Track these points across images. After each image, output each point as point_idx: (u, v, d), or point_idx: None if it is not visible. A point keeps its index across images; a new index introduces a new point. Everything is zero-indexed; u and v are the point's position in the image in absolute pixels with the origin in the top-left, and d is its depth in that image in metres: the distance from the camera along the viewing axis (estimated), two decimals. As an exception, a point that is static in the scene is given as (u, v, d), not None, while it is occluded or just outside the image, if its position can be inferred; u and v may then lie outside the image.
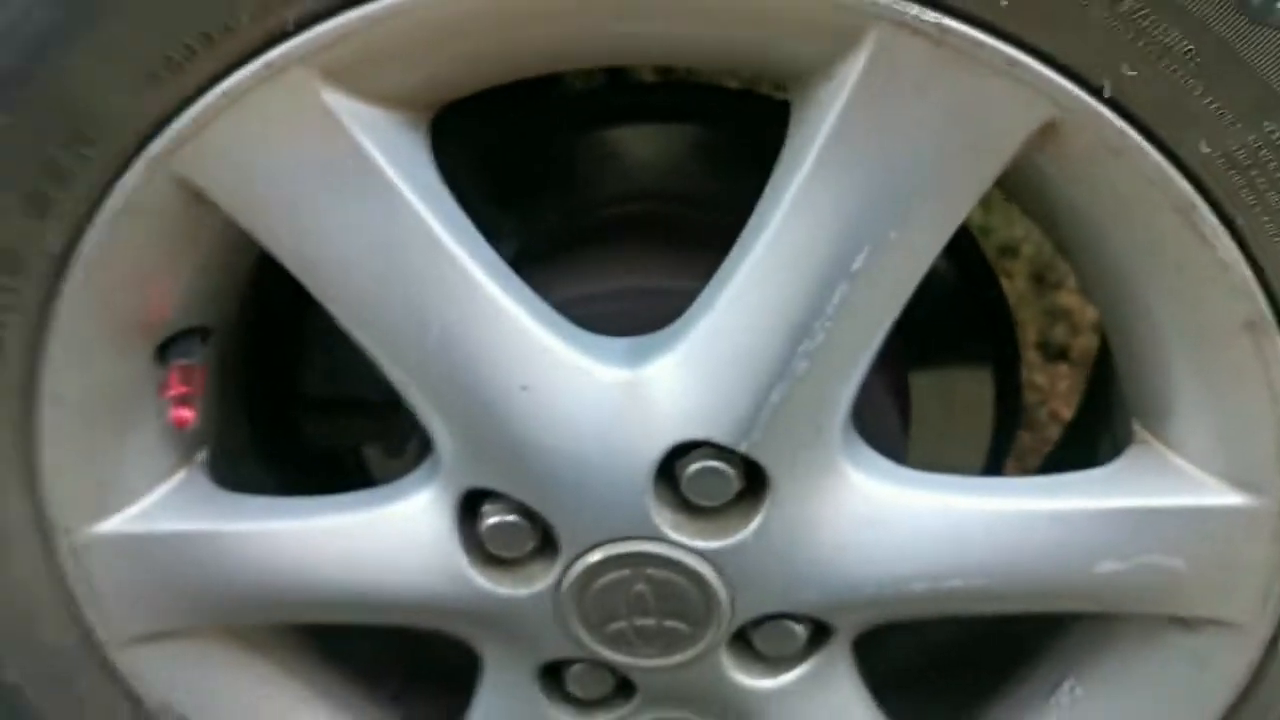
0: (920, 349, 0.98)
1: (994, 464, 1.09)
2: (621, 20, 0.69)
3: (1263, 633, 0.84)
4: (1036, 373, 2.08)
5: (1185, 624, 0.87)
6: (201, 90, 0.70)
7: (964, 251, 1.01)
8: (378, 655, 1.12)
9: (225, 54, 0.68)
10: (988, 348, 1.03)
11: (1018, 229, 2.06)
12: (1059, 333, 2.08)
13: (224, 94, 0.70)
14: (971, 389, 1.03)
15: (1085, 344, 1.97)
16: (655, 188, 0.97)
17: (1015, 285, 2.04)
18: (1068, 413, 1.86)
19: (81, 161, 0.72)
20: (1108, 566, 0.82)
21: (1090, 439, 0.97)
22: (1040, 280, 2.09)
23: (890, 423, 0.93)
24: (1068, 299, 2.06)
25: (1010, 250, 2.07)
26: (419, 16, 0.67)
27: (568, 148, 0.97)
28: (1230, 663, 0.86)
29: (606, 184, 0.97)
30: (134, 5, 0.66)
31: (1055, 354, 2.08)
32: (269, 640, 0.99)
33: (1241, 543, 0.80)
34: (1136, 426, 0.83)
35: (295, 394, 1.02)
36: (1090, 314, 1.93)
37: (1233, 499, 0.78)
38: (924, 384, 1.00)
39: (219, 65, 0.69)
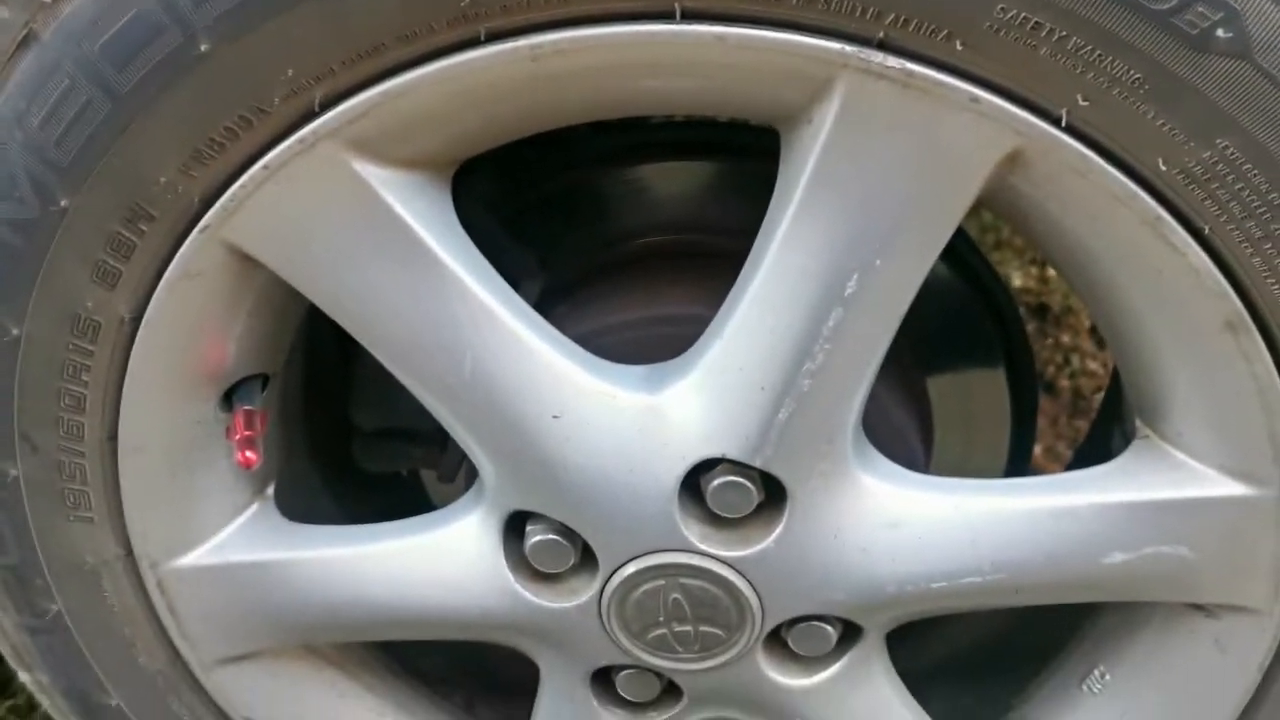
0: (934, 356, 1.02)
1: (1019, 457, 1.13)
2: (629, 80, 0.74)
3: (1278, 618, 0.87)
4: (1090, 359, 2.09)
5: (1204, 610, 0.90)
6: (244, 166, 0.77)
7: (966, 258, 1.05)
8: (447, 667, 1.20)
9: (263, 133, 0.75)
10: (999, 348, 1.07)
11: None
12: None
13: (264, 167, 0.77)
14: (987, 389, 1.07)
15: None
16: (665, 221, 1.03)
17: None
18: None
19: (143, 236, 0.80)
20: (1117, 558, 0.85)
21: (1106, 435, 1.00)
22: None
23: (910, 429, 0.98)
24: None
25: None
26: (434, 90, 0.73)
27: (581, 187, 1.03)
28: (1251, 646, 0.89)
29: (620, 220, 1.03)
30: (179, 96, 0.74)
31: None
32: (343, 656, 1.07)
33: (1247, 531, 0.83)
34: (1139, 423, 0.86)
35: (351, 426, 1.10)
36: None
37: (1232, 489, 0.82)
38: (942, 389, 1.04)
39: (258, 143, 0.76)
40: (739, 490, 0.84)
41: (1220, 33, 0.64)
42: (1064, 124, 0.69)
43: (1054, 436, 2.06)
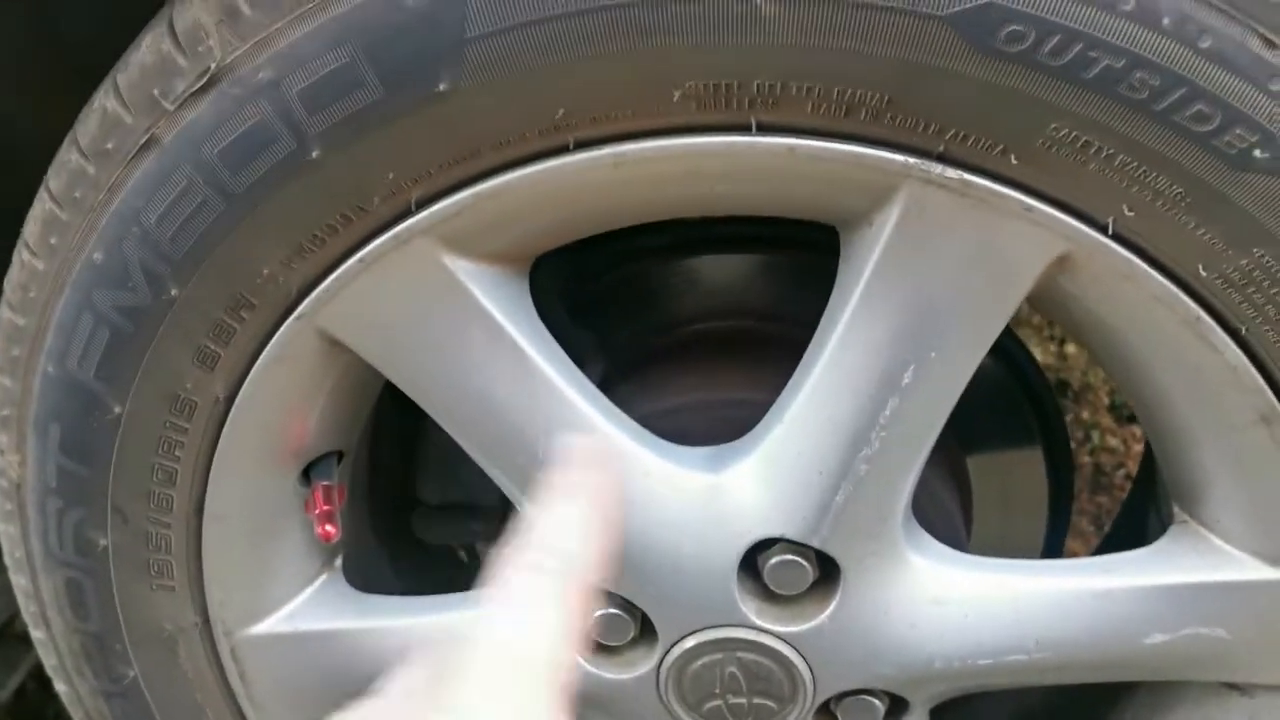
0: (975, 437, 1.07)
1: (1056, 534, 1.17)
2: (704, 185, 0.80)
3: (1310, 695, 0.91)
4: (1110, 435, 2.13)
5: (1239, 689, 0.94)
6: (341, 259, 0.82)
7: (1003, 342, 1.10)
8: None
9: (361, 229, 0.81)
10: (1036, 429, 1.12)
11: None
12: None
13: (360, 261, 0.82)
14: (1025, 468, 1.12)
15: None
16: (723, 309, 1.08)
17: (1085, 351, 2.10)
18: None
19: (242, 324, 0.85)
20: (1156, 638, 0.89)
21: (1141, 515, 1.05)
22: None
23: (952, 508, 1.02)
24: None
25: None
26: (522, 192, 0.79)
27: (644, 275, 1.09)
28: (1283, 724, 0.93)
29: (680, 307, 1.09)
30: (287, 197, 0.79)
31: (1128, 416, 2.13)
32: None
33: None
34: (1176, 508, 0.91)
35: (412, 501, 1.14)
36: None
37: (1267, 574, 0.86)
38: (981, 468, 1.09)
39: (356, 238, 0.81)
40: (795, 569, 0.89)
41: (1257, 153, 0.70)
42: (1110, 232, 0.74)
43: (1075, 512, 2.10)
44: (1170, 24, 0.68)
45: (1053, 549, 1.17)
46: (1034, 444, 1.11)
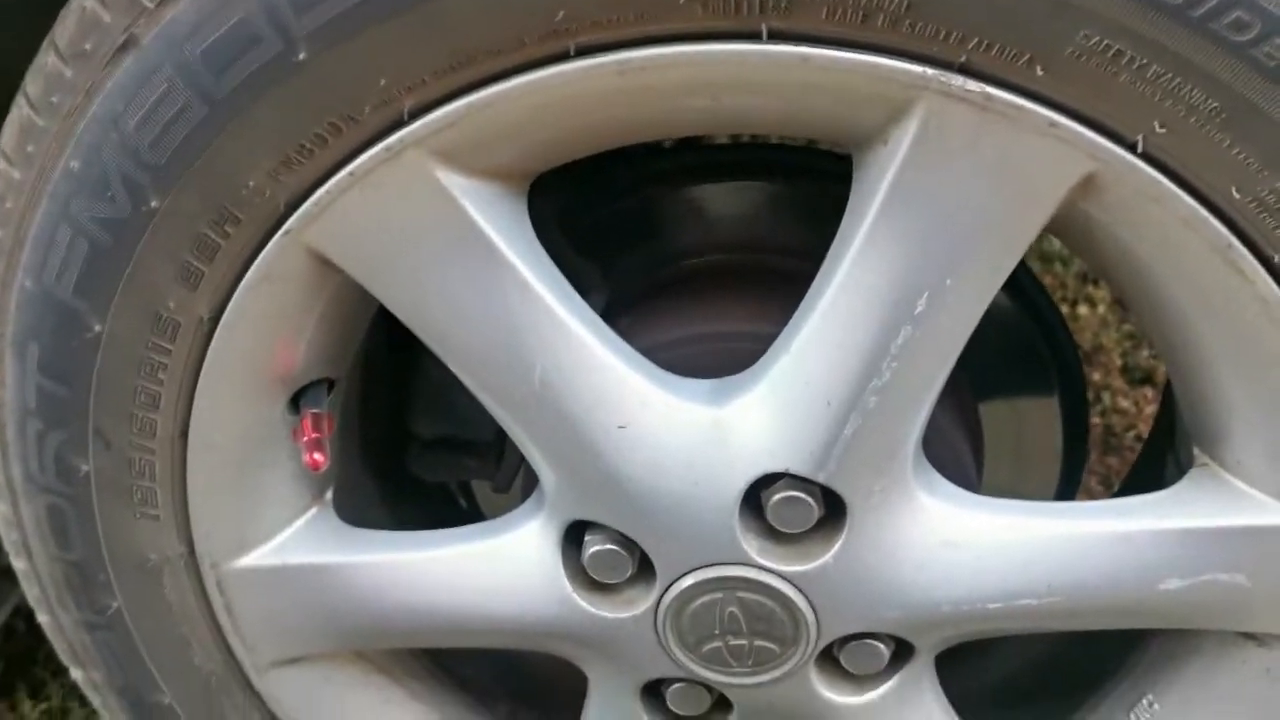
0: (989, 381, 1.03)
1: (1068, 486, 1.14)
2: (711, 98, 0.76)
3: (1331, 647, 0.88)
4: (1122, 397, 2.10)
5: (1256, 639, 0.91)
6: (330, 172, 0.79)
7: (1025, 286, 1.06)
8: (493, 678, 1.21)
9: (351, 140, 0.77)
10: (1053, 376, 1.09)
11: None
12: (1142, 357, 2.09)
13: (350, 174, 0.79)
14: (1040, 416, 1.08)
15: (1169, 368, 1.98)
16: (730, 240, 1.04)
17: (1097, 312, 2.07)
18: (1154, 435, 1.88)
19: (227, 239, 0.82)
20: (1173, 584, 0.86)
21: (1158, 462, 1.01)
22: (1122, 306, 2.11)
23: (963, 451, 0.99)
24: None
25: (1092, 278, 2.10)
26: (521, 102, 0.75)
27: (648, 204, 1.05)
28: (1301, 676, 0.90)
29: (686, 238, 1.05)
30: (274, 102, 0.76)
31: (1140, 378, 2.10)
32: (393, 665, 1.08)
33: (1303, 560, 0.84)
34: (1196, 450, 0.87)
35: (408, 435, 1.11)
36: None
37: (1289, 516, 0.83)
38: (995, 414, 1.05)
39: (345, 150, 0.78)
40: (800, 505, 0.85)
41: (1300, 65, 0.66)
42: (1139, 150, 0.70)
43: (1085, 474, 2.07)
44: (1212, -77, 0.63)
45: (1065, 495, 1.14)
46: (1050, 394, 1.08)
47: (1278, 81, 0.66)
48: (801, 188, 1.03)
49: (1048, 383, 1.07)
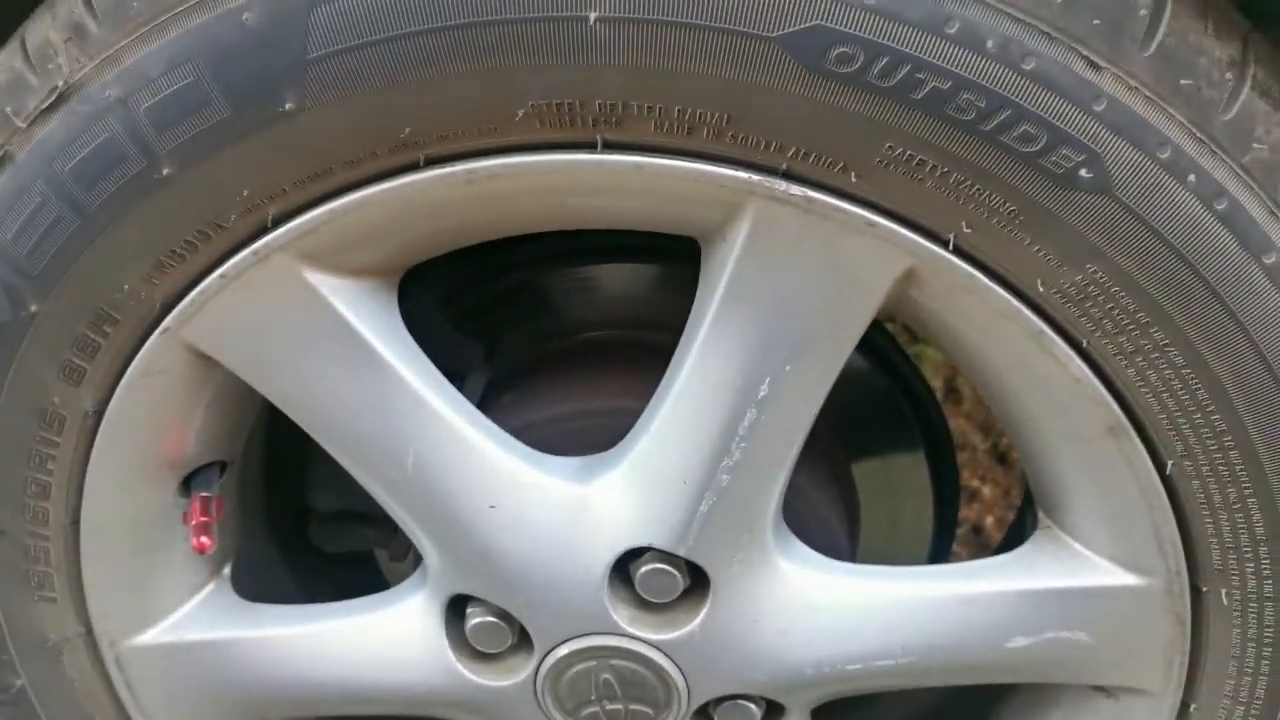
0: (859, 444, 1.08)
1: (943, 531, 1.18)
2: (558, 200, 0.80)
3: (1172, 698, 0.92)
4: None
5: (1106, 691, 0.96)
6: (203, 274, 0.83)
7: (887, 353, 1.12)
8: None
9: (220, 245, 0.81)
10: (919, 434, 1.14)
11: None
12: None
13: (221, 276, 0.83)
14: (909, 471, 1.13)
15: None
16: (609, 318, 1.09)
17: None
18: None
19: (106, 338, 0.85)
20: (1020, 642, 0.91)
21: (1022, 522, 1.06)
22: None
23: (830, 514, 1.03)
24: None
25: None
26: (378, 208, 0.79)
27: (529, 284, 1.09)
28: (1149, 725, 0.95)
29: (566, 316, 1.10)
30: (142, 213, 0.79)
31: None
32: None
33: (1138, 618, 0.89)
34: (1041, 514, 0.92)
35: (308, 509, 1.15)
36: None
37: (1124, 579, 0.87)
38: (867, 473, 1.10)
39: (216, 254, 0.82)
40: (665, 577, 0.90)
41: (1083, 172, 0.71)
42: (951, 247, 0.75)
43: (1006, 507, 2.10)
44: (994, 46, 0.69)
45: (943, 544, 1.19)
46: (916, 447, 1.13)
47: (1066, 187, 0.72)
48: (675, 266, 1.07)
49: (913, 437, 1.12)
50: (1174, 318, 0.75)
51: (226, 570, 1.04)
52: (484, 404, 0.98)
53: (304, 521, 1.18)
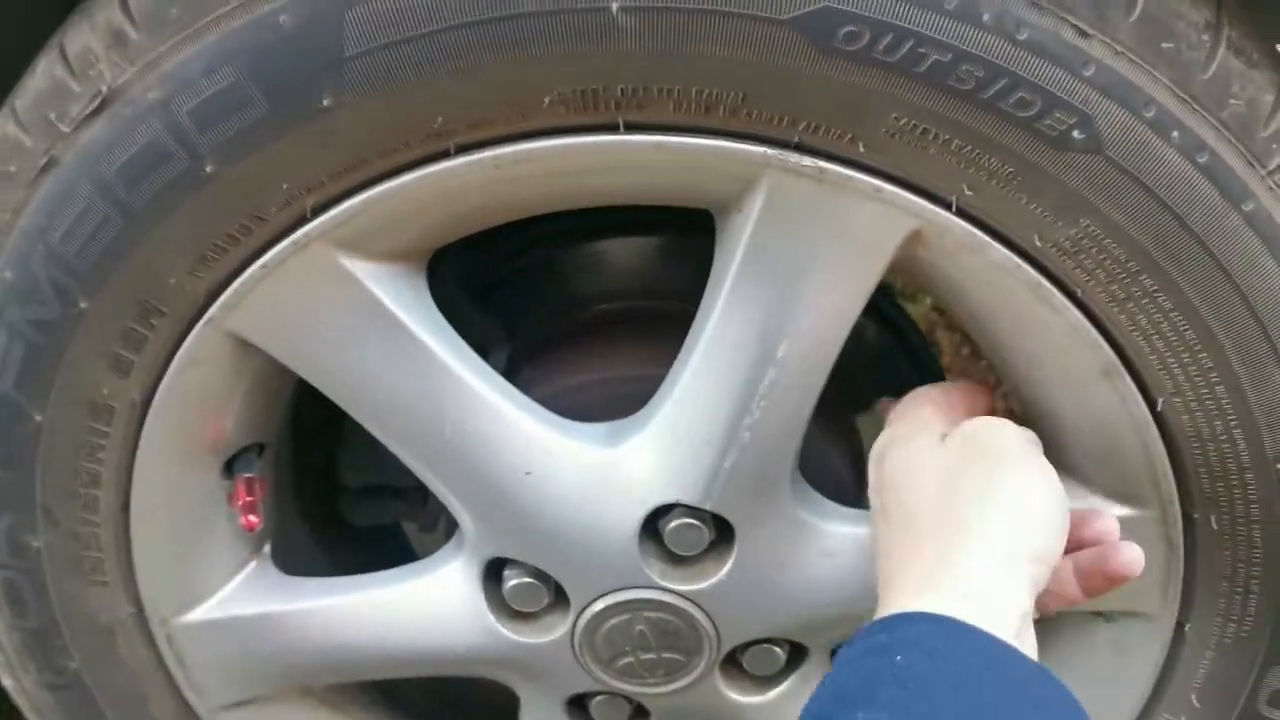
0: (862, 397, 1.14)
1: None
2: (581, 180, 0.85)
3: (1169, 621, 0.99)
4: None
5: (1105, 616, 1.02)
6: (245, 265, 0.87)
7: (883, 309, 1.17)
8: (432, 702, 1.29)
9: (261, 237, 0.85)
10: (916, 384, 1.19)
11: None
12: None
13: (263, 266, 0.87)
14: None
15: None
16: (624, 289, 1.14)
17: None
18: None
19: (153, 331, 0.89)
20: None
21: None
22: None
23: (841, 465, 1.09)
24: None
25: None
26: (411, 195, 0.83)
27: (545, 261, 1.14)
28: (1146, 648, 1.01)
29: (581, 290, 1.14)
30: (186, 210, 0.83)
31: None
32: (338, 696, 1.16)
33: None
34: (1040, 455, 0.98)
35: (338, 486, 1.19)
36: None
37: (1119, 511, 0.93)
38: (869, 425, 1.16)
39: (257, 245, 0.85)
40: (693, 531, 0.95)
41: (1076, 134, 0.76)
42: (954, 209, 0.80)
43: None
44: (990, 19, 0.74)
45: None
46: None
47: (1059, 148, 0.77)
48: (689, 238, 1.12)
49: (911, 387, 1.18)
50: (1163, 265, 0.81)
51: (267, 548, 1.09)
52: (508, 378, 1.03)
53: (332, 498, 1.23)
